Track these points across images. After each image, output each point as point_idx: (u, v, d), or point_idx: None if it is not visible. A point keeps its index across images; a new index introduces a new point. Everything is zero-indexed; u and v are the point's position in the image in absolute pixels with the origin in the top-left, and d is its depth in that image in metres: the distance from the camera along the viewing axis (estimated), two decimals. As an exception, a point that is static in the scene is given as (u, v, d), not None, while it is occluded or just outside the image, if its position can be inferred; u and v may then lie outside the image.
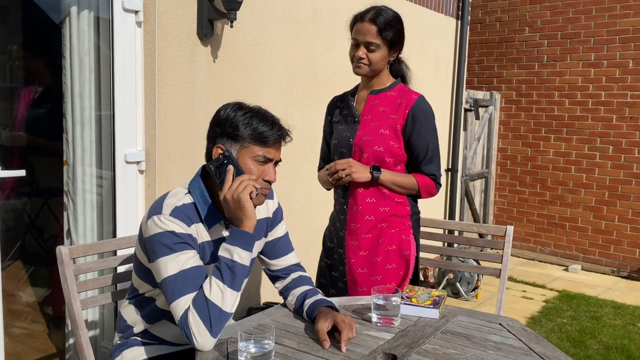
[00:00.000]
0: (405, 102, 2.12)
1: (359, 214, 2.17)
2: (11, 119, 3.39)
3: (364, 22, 2.08)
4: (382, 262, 2.14)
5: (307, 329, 1.64)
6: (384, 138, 2.10)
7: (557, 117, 5.61)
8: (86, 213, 2.69)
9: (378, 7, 2.12)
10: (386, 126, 2.11)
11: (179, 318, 1.46)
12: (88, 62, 2.60)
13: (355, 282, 2.19)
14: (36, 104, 3.31)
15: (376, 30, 2.06)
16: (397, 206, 2.16)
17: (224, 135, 1.58)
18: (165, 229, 1.50)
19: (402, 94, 2.16)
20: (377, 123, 2.13)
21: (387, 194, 2.15)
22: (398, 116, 2.12)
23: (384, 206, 2.15)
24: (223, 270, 1.49)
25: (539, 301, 4.43)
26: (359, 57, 2.10)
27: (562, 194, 5.62)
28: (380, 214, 2.15)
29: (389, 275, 2.14)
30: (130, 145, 2.61)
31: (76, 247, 1.90)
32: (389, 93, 2.17)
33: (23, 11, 3.85)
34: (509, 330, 1.65)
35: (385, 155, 2.11)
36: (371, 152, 2.11)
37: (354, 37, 2.12)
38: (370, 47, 2.08)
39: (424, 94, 2.19)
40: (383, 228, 2.16)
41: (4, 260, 3.66)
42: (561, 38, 5.53)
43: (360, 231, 2.17)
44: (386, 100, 2.16)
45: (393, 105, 2.14)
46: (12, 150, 3.26)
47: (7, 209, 3.44)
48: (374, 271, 2.15)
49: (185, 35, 2.68)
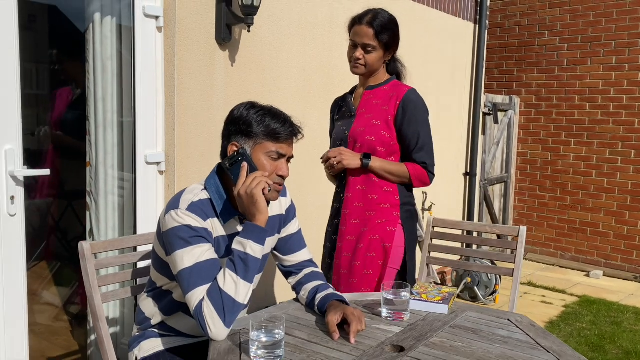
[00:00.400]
0: (397, 95, 2.22)
1: (349, 201, 2.27)
2: (37, 124, 3.52)
3: (361, 25, 2.18)
4: (363, 249, 2.22)
5: (317, 322, 1.68)
6: (375, 128, 2.20)
7: (577, 121, 5.57)
8: (108, 213, 2.77)
9: (376, 10, 2.22)
10: (378, 117, 2.21)
11: (194, 308, 1.51)
12: (111, 66, 2.69)
13: (339, 266, 2.29)
14: (62, 107, 3.43)
15: (373, 33, 2.17)
16: (385, 195, 2.23)
17: (238, 133, 1.64)
18: (182, 223, 1.56)
19: (394, 88, 2.26)
20: (370, 115, 2.23)
21: (376, 182, 2.22)
22: (389, 107, 2.21)
23: (372, 194, 2.23)
24: (237, 262, 1.55)
25: (559, 306, 4.38)
26: (356, 58, 2.21)
27: (583, 198, 5.57)
28: (369, 202, 2.23)
29: (368, 263, 2.22)
30: (150, 146, 2.69)
31: (97, 243, 1.97)
32: (382, 88, 2.28)
33: (50, 18, 3.99)
34: (517, 325, 1.67)
35: (377, 144, 2.20)
36: (364, 142, 2.21)
37: (352, 39, 2.22)
38: (367, 48, 2.19)
39: (441, 98, 2.27)
40: (370, 217, 2.23)
41: (29, 261, 3.78)
42: (581, 41, 5.50)
43: (349, 217, 2.27)
44: (380, 94, 2.27)
45: (385, 98, 2.24)
46: (40, 152, 3.38)
47: (33, 210, 3.55)
48: (356, 256, 2.24)
49: (204, 40, 2.76)
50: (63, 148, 3.40)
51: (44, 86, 4.02)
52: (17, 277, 2.26)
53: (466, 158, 5.13)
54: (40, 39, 3.99)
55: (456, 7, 4.74)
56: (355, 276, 2.24)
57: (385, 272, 2.20)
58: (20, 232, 2.26)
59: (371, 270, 2.21)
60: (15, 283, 2.26)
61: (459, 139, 5.05)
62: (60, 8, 3.90)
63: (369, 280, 2.21)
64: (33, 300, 3.34)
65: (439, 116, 4.71)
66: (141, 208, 2.67)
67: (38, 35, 3.99)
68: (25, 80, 4.04)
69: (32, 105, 3.84)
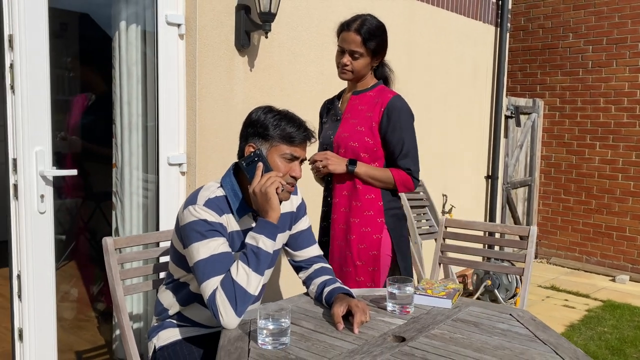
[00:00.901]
0: (381, 101, 2.24)
1: (336, 206, 2.32)
2: (67, 127, 3.68)
3: (349, 32, 2.21)
4: (353, 257, 2.27)
5: (324, 314, 1.76)
6: (359, 134, 2.24)
7: (602, 124, 5.51)
8: (132, 212, 2.90)
9: (364, 16, 2.25)
10: (362, 123, 2.24)
11: (208, 297, 1.60)
12: (136, 72, 2.83)
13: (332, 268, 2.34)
14: (90, 111, 3.59)
15: (360, 40, 2.19)
16: (369, 202, 2.26)
17: (256, 135, 1.74)
18: (199, 217, 1.66)
19: (379, 94, 2.28)
20: (355, 120, 2.27)
21: (360, 189, 2.25)
22: (374, 114, 2.24)
23: (356, 201, 2.27)
24: (249, 255, 1.64)
25: (581, 310, 4.35)
26: (343, 64, 2.25)
27: (608, 202, 5.49)
28: (353, 208, 2.27)
29: (359, 271, 2.27)
30: (172, 148, 2.81)
31: (120, 239, 2.09)
32: (368, 93, 2.31)
33: (80, 26, 4.18)
34: (518, 319, 1.71)
35: (360, 150, 2.24)
36: (347, 147, 2.26)
37: (339, 45, 2.26)
38: (354, 55, 2.22)
39: (462, 101, 2.30)
40: (354, 223, 2.26)
41: (60, 260, 3.95)
42: (606, 43, 5.44)
43: (337, 222, 2.32)
44: (365, 99, 2.30)
45: (370, 104, 2.27)
46: (68, 155, 3.54)
47: (63, 211, 3.72)
48: (346, 263, 2.29)
49: (223, 46, 2.87)
50: (88, 152, 3.56)
51: (76, 91, 4.21)
52: (46, 271, 2.40)
53: (488, 161, 5.13)
54: (71, 45, 4.19)
55: (477, 10, 4.76)
56: (348, 282, 2.29)
57: (375, 278, 2.26)
58: (49, 228, 2.39)
59: (362, 277, 2.27)
60: (44, 277, 2.39)
61: (480, 142, 5.05)
62: (92, 16, 4.08)
63: (360, 286, 2.26)
64: (63, 298, 3.50)
65: (459, 119, 4.74)
66: (163, 207, 2.79)
67: (69, 42, 4.18)
68: (58, 85, 4.24)
69: (65, 109, 4.03)
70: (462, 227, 2.58)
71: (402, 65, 4.02)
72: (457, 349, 1.49)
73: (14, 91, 2.27)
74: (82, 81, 3.99)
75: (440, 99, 4.49)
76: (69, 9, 4.10)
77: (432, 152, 4.46)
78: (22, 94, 2.27)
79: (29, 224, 2.33)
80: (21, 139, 2.29)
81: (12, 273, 2.36)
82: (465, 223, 2.58)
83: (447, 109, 4.58)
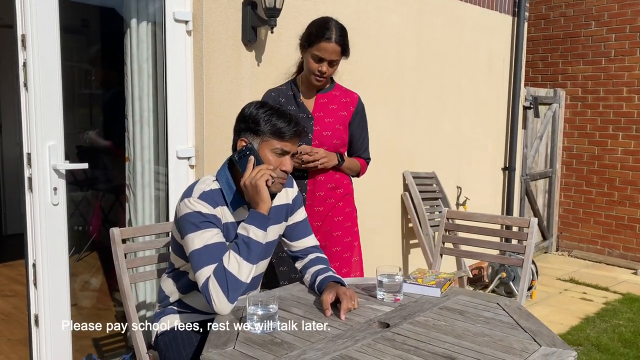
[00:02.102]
0: (351, 101, 2.49)
1: (318, 198, 2.44)
2: (90, 122, 3.83)
3: (331, 43, 2.29)
4: (340, 237, 2.48)
5: (315, 301, 1.81)
6: (339, 133, 2.45)
7: (625, 114, 5.39)
8: (145, 204, 3.00)
9: (335, 23, 2.35)
10: (339, 122, 2.45)
11: (202, 285, 1.68)
12: (146, 68, 2.91)
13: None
14: (110, 106, 3.72)
15: (340, 50, 2.32)
16: (346, 187, 2.53)
17: (248, 130, 1.80)
18: (194, 209, 1.73)
19: (344, 94, 2.51)
20: (331, 120, 2.43)
21: (338, 178, 2.48)
22: (347, 113, 2.47)
23: (339, 188, 2.49)
24: (240, 245, 1.70)
25: (599, 303, 4.29)
26: (322, 72, 2.34)
27: (631, 194, 5.38)
28: (336, 195, 2.48)
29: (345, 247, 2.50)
30: (181, 142, 2.89)
31: (127, 229, 2.18)
32: (332, 93, 2.49)
33: (101, 22, 4.30)
34: (504, 308, 1.73)
35: (340, 146, 2.47)
36: (330, 145, 2.41)
37: (318, 54, 2.32)
38: (332, 63, 2.34)
39: (478, 92, 2.37)
40: (338, 207, 2.49)
41: (81, 252, 4.11)
42: (630, 31, 5.31)
43: (324, 212, 2.47)
44: (333, 99, 2.48)
45: (340, 104, 2.48)
46: (87, 149, 3.68)
47: (84, 204, 3.86)
48: (332, 243, 2.47)
49: (230, 42, 2.93)
50: (108, 147, 3.68)
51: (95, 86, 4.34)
52: (60, 260, 2.51)
53: (505, 152, 5.08)
54: (93, 41, 4.32)
55: (492, 0, 4.71)
56: (336, 260, 2.46)
57: (355, 249, 2.51)
58: (62, 220, 2.51)
59: (349, 252, 2.44)
60: (58, 265, 2.51)
61: (497, 133, 5.01)
62: (108, 12, 4.21)
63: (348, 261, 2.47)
64: (82, 287, 3.64)
65: (475, 110, 4.71)
66: (173, 200, 2.88)
67: (90, 38, 4.31)
68: (80, 80, 4.39)
69: (85, 104, 4.18)
70: (464, 219, 2.59)
71: (412, 55, 4.02)
72: (438, 335, 1.52)
73: (27, 89, 2.38)
74: (102, 77, 4.13)
75: (454, 89, 4.47)
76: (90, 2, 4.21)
77: (446, 143, 4.45)
78: (35, 91, 2.38)
79: (43, 215, 2.45)
80: (34, 134, 2.40)
81: (27, 262, 2.48)
82: (466, 214, 2.60)
83: (462, 100, 4.56)
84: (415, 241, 4.20)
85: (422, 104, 4.12)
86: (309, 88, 2.47)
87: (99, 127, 3.94)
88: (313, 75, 2.36)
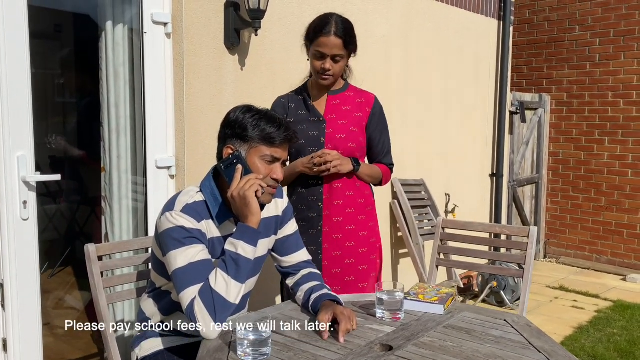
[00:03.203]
0: (366, 102, 2.31)
1: (335, 207, 2.26)
2: (64, 131, 3.64)
3: (330, 37, 2.14)
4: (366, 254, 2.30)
5: (310, 322, 1.67)
6: (354, 135, 2.26)
7: (611, 119, 5.36)
8: (122, 217, 2.83)
9: (334, 17, 2.19)
10: (354, 124, 2.26)
11: (186, 307, 1.53)
12: (123, 73, 2.76)
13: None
14: (85, 114, 3.53)
15: (342, 43, 2.16)
16: (368, 197, 2.32)
17: (234, 136, 1.66)
18: (176, 224, 1.58)
19: (359, 94, 2.33)
20: (345, 121, 2.26)
21: (359, 187, 2.28)
22: (363, 115, 2.29)
23: (360, 198, 2.29)
24: (228, 262, 1.56)
25: (590, 311, 4.21)
26: (326, 69, 2.18)
27: (618, 199, 5.35)
28: (359, 206, 2.29)
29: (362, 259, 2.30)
30: (161, 151, 2.73)
31: (102, 246, 2.02)
32: (346, 94, 2.32)
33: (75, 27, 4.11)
34: (512, 326, 1.61)
35: (356, 150, 2.27)
36: (345, 149, 2.24)
37: (318, 50, 2.17)
38: (335, 58, 2.18)
39: (464, 97, 2.26)
40: (361, 220, 2.29)
41: (55, 267, 3.90)
42: (614, 36, 5.30)
43: (344, 224, 2.28)
44: (347, 100, 2.30)
45: (355, 104, 2.30)
46: (61, 159, 3.49)
47: (58, 217, 3.66)
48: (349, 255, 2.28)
49: (212, 45, 2.79)
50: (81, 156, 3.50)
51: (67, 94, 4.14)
52: (30, 278, 2.33)
53: (492, 158, 5.01)
54: (66, 47, 4.13)
55: (478, 4, 4.65)
56: (363, 279, 2.25)
57: (374, 266, 2.33)
58: (33, 235, 2.33)
59: (365, 265, 2.27)
60: (29, 284, 2.33)
61: (484, 139, 4.94)
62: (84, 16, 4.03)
63: (365, 274, 2.28)
64: (56, 305, 3.43)
65: (462, 116, 4.63)
66: (152, 212, 2.72)
67: (64, 43, 4.12)
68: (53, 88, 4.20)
69: (59, 113, 3.98)
70: (460, 228, 2.48)
71: (399, 60, 3.92)
72: (446, 357, 1.40)
73: (-7, 95, 2.20)
74: (76, 83, 3.95)
75: (441, 94, 4.38)
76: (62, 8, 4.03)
77: (434, 150, 4.35)
78: (2, 99, 2.20)
79: (12, 231, 2.27)
80: (1, 145, 2.22)
81: (-6, 282, 2.29)
82: (463, 224, 2.48)
83: (449, 105, 4.47)
84: (405, 251, 4.08)
85: (410, 109, 4.02)
86: (319, 90, 2.31)
87: (73, 136, 3.75)
88: (318, 74, 2.22)
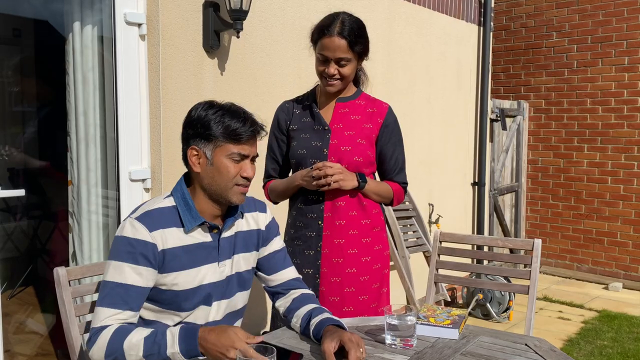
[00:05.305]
0: (378, 112, 2.06)
1: (340, 229, 2.04)
2: (22, 141, 3.36)
3: (332, 37, 1.92)
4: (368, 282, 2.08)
5: (313, 351, 1.48)
6: (361, 148, 2.02)
7: (590, 126, 5.35)
8: (92, 234, 2.60)
9: (341, 15, 1.96)
10: (362, 136, 2.03)
11: (95, 326, 1.42)
12: (92, 78, 2.54)
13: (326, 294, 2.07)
14: (44, 124, 3.27)
15: (346, 44, 1.92)
16: (375, 217, 2.09)
17: (197, 136, 1.52)
18: (124, 234, 1.47)
19: (371, 103, 2.09)
20: (352, 132, 2.03)
21: (366, 206, 2.06)
22: (373, 126, 2.05)
23: (365, 219, 2.06)
24: (153, 345, 1.38)
25: (577, 322, 4.14)
26: (330, 74, 1.95)
27: (598, 207, 5.32)
28: (362, 228, 2.06)
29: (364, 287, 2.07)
30: (135, 162, 2.51)
31: (74, 269, 1.79)
32: (356, 102, 2.08)
33: (36, 32, 3.84)
34: (536, 351, 1.46)
35: (363, 165, 2.03)
36: (350, 162, 2.01)
37: (321, 53, 1.96)
38: (341, 62, 1.95)
39: (446, 104, 2.08)
40: (365, 244, 2.07)
41: (14, 287, 3.61)
42: (591, 42, 5.30)
43: (346, 247, 2.05)
44: (357, 109, 2.07)
45: (365, 114, 2.06)
46: (20, 172, 3.21)
47: (18, 233, 3.38)
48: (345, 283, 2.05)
49: (190, 48, 2.60)
50: (43, 169, 3.24)
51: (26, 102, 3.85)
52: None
53: (474, 167, 4.92)
54: (27, 53, 3.84)
55: (459, 9, 4.57)
56: (362, 311, 2.05)
57: (381, 297, 2.10)
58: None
59: (366, 295, 2.03)
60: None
61: (466, 147, 4.84)
62: (47, 20, 3.76)
63: (365, 304, 2.04)
64: (17, 329, 3.14)
65: (445, 123, 4.52)
66: (126, 228, 2.49)
67: (24, 49, 3.84)
68: (12, 96, 3.91)
69: (17, 122, 3.68)
70: (459, 242, 2.33)
71: (383, 66, 3.79)
72: (474, 396, 1.23)
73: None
74: (37, 90, 3.67)
75: (424, 101, 4.27)
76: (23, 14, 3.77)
77: (417, 158, 4.23)
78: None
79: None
80: (-46, 156, 1.98)
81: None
82: (461, 237, 2.34)
83: (431, 112, 4.36)
84: (391, 263, 3.92)
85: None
86: (327, 97, 2.07)
87: (34, 147, 3.47)
88: (323, 79, 1.99)
